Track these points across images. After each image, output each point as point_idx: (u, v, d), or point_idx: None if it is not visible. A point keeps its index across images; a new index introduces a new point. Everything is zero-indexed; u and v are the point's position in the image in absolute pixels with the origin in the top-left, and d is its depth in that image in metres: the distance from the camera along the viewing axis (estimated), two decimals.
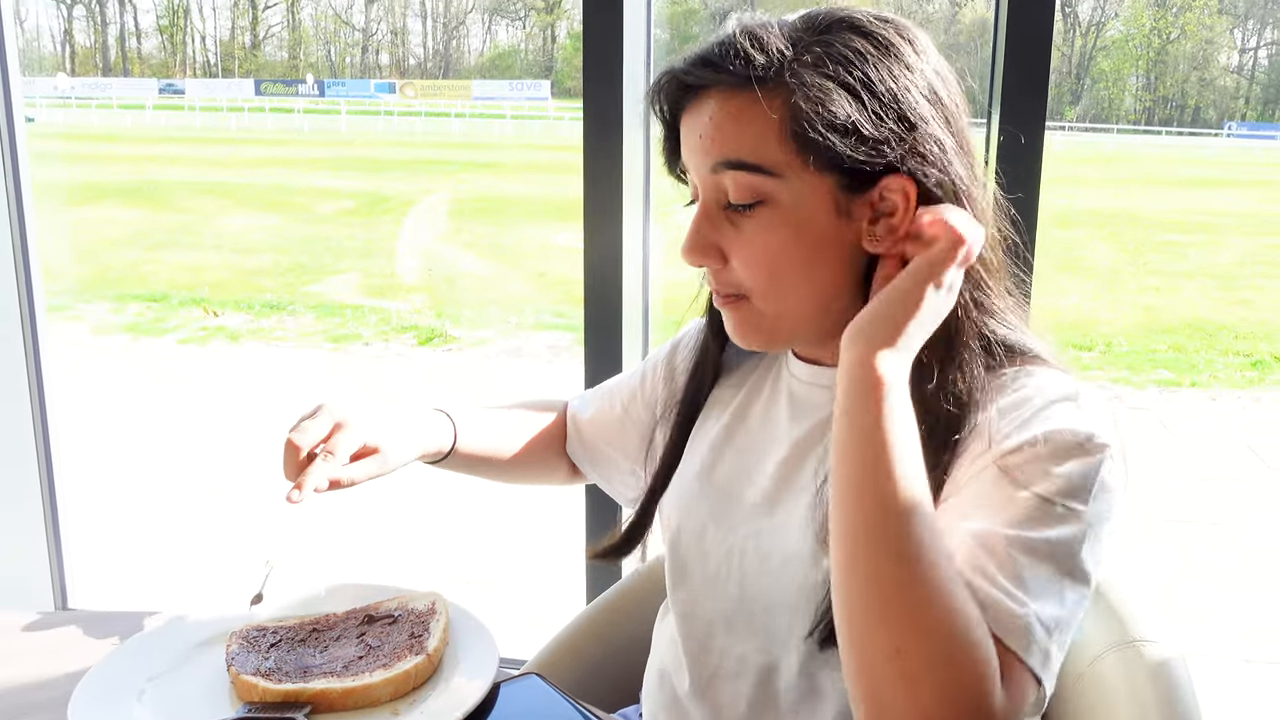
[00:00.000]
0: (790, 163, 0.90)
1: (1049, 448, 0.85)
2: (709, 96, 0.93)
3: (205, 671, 1.01)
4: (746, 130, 0.91)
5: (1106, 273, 10.87)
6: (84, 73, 46.50)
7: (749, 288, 0.96)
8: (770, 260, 0.94)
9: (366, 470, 1.06)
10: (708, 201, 0.96)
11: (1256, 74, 46.48)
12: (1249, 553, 4.14)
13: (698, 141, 0.94)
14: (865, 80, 0.89)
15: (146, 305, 8.79)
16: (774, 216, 0.92)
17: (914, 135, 0.90)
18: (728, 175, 0.92)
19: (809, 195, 0.91)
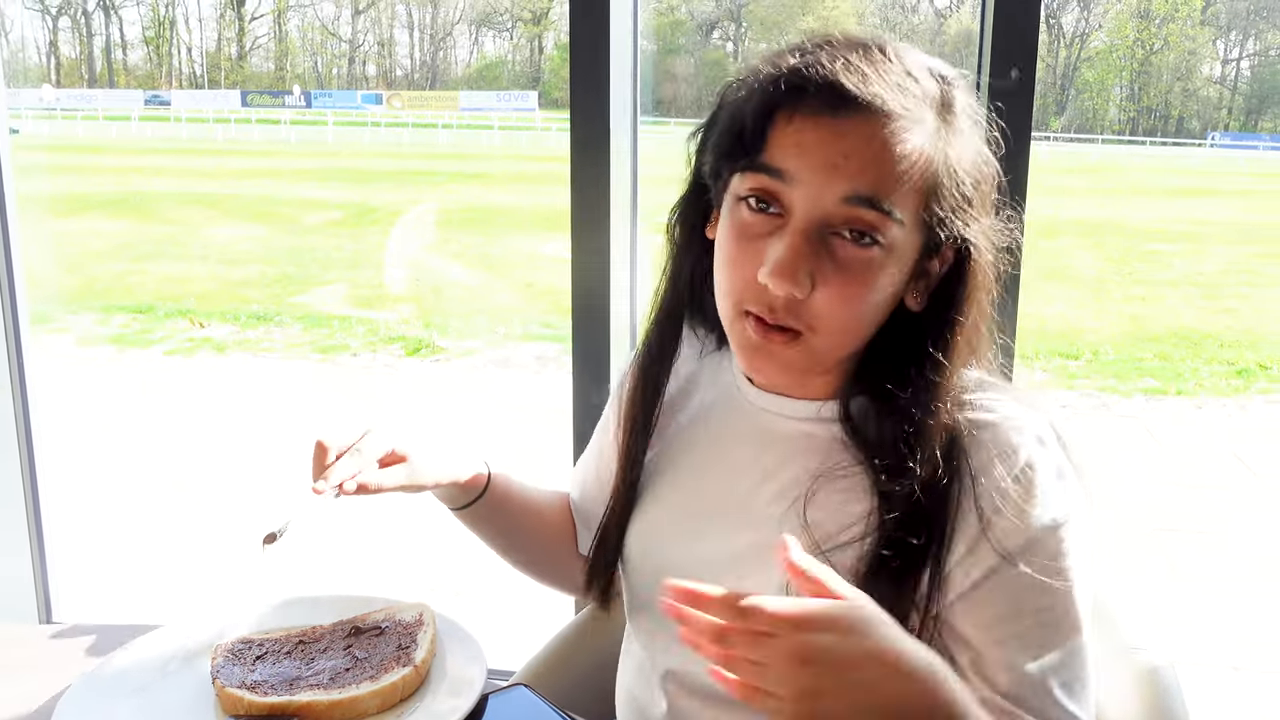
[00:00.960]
0: (912, 218, 0.89)
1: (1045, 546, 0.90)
2: (868, 119, 0.87)
3: (190, 684, 1.01)
4: (904, 176, 0.87)
5: (1092, 282, 10.91)
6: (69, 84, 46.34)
7: (818, 323, 0.90)
8: (862, 299, 0.90)
9: (395, 478, 1.05)
10: (813, 222, 0.88)
11: (1239, 84, 46.78)
12: (1236, 560, 4.15)
13: (839, 160, 0.86)
14: (980, 155, 0.93)
15: (132, 316, 8.76)
16: (882, 260, 0.89)
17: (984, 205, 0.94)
18: (864, 211, 0.87)
19: (909, 249, 0.91)
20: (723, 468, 1.06)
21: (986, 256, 0.93)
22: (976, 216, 0.92)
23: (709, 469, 1.07)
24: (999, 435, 0.92)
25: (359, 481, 1.00)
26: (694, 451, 1.09)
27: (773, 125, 0.89)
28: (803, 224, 0.88)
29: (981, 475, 0.90)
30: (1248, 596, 3.80)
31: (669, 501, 1.09)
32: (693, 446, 1.09)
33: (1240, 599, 3.78)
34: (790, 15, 43.57)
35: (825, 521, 0.95)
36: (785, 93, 0.88)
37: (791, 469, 0.99)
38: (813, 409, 1.00)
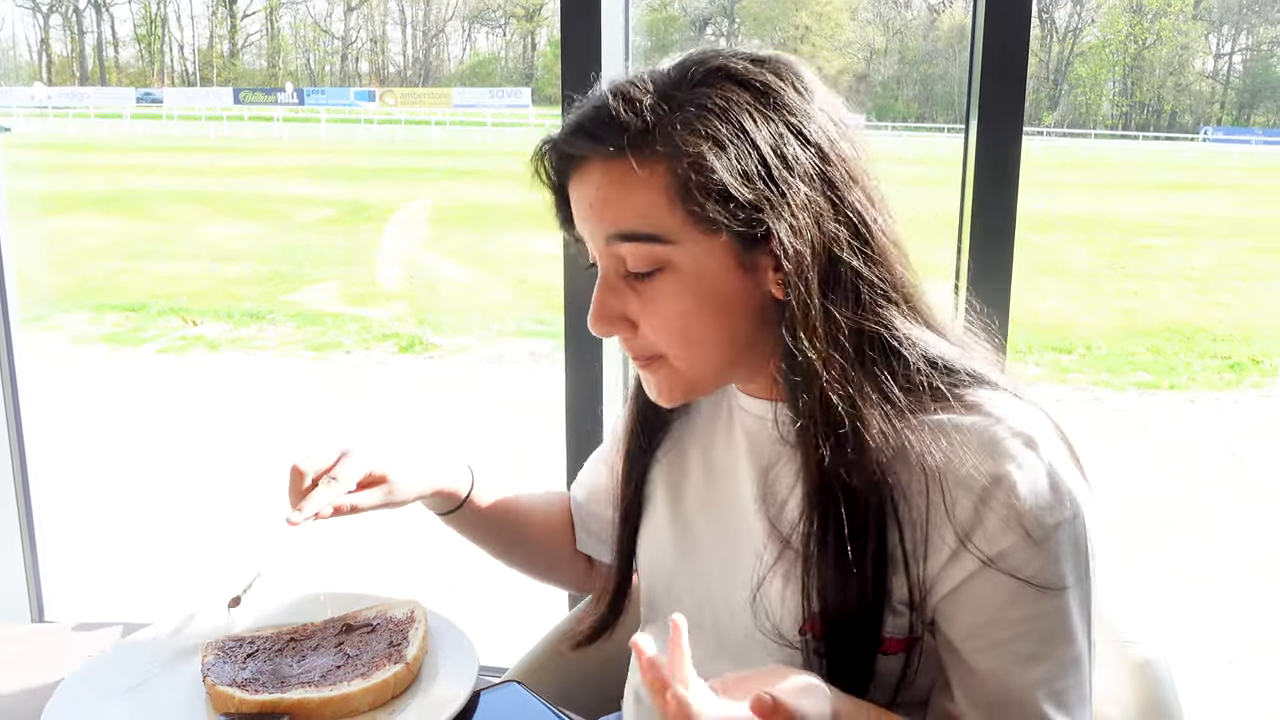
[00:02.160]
0: (682, 228, 0.87)
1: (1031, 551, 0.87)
2: (591, 166, 0.90)
3: (181, 682, 1.00)
4: (632, 200, 0.88)
5: (1085, 276, 10.93)
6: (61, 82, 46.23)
7: (662, 350, 0.93)
8: (680, 324, 0.91)
9: (371, 499, 1.05)
10: (607, 271, 0.93)
11: (1231, 79, 46.88)
12: (1229, 554, 4.16)
13: (588, 210, 0.91)
14: (740, 135, 0.86)
15: (125, 315, 8.74)
16: (676, 281, 0.89)
17: (792, 190, 0.87)
18: (623, 246, 0.89)
19: (708, 257, 0.88)
20: (712, 472, 1.06)
21: (788, 235, 0.86)
22: (756, 195, 0.85)
23: (701, 475, 1.07)
24: (979, 434, 0.88)
25: (334, 504, 1.00)
26: (689, 459, 1.09)
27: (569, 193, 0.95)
28: (601, 274, 0.94)
29: (954, 476, 0.87)
30: (1241, 590, 3.81)
31: (668, 512, 1.09)
32: (688, 455, 1.09)
33: (1234, 592, 3.79)
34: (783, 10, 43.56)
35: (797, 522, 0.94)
36: (554, 165, 0.95)
37: (778, 474, 0.99)
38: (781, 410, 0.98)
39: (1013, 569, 0.87)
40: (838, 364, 0.88)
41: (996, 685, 0.89)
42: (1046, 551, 0.87)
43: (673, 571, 1.06)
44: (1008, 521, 0.86)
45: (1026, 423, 0.90)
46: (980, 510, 0.87)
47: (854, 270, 0.89)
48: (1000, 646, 0.89)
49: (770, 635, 0.95)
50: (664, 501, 1.09)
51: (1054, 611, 0.88)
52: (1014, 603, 0.88)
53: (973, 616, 0.89)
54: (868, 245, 0.90)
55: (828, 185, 0.88)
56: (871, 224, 0.90)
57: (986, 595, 0.88)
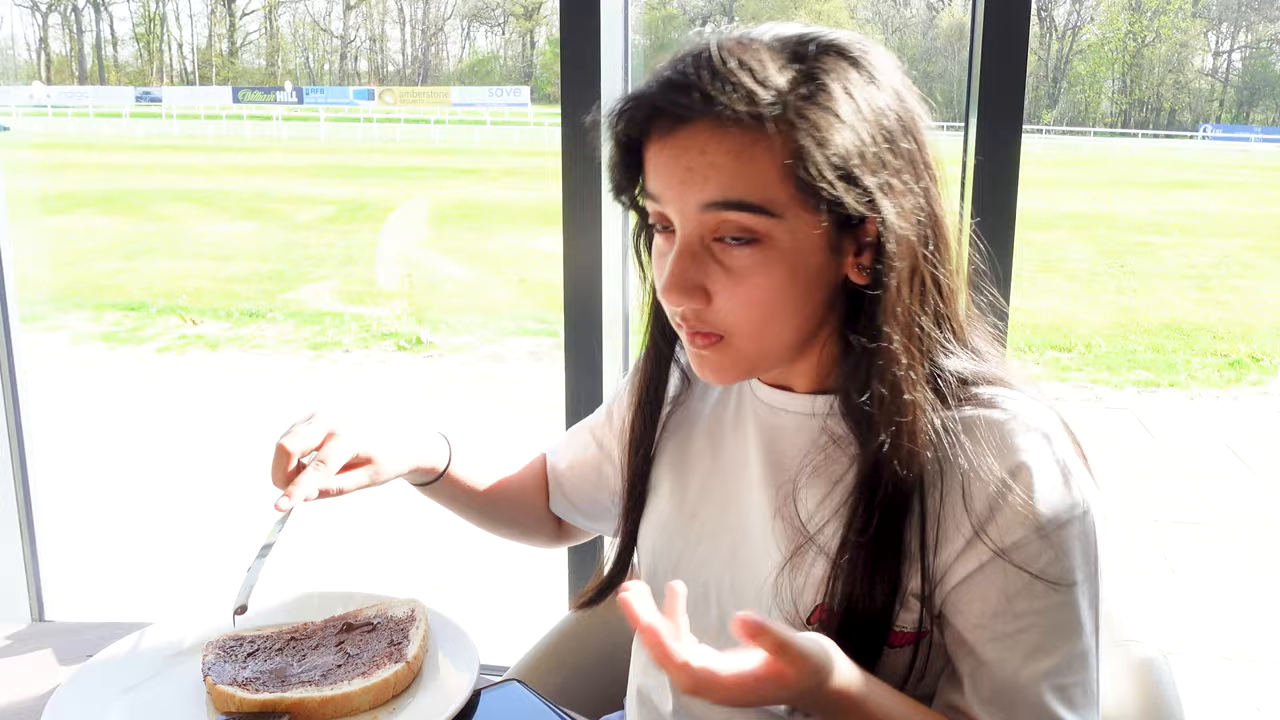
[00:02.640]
0: (789, 203, 0.86)
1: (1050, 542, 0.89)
2: (697, 129, 0.86)
3: (182, 682, 1.00)
4: (747, 169, 0.85)
5: (1085, 274, 10.93)
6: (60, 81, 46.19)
7: (732, 327, 0.91)
8: (764, 299, 0.89)
9: (357, 480, 1.03)
10: (690, 238, 0.89)
11: (1231, 76, 46.87)
12: (1228, 551, 4.16)
13: (684, 173, 0.87)
14: (858, 117, 0.86)
15: (124, 314, 8.74)
16: (770, 255, 0.88)
17: (899, 175, 0.88)
18: (724, 214, 0.87)
19: (805, 234, 0.87)
20: (721, 462, 1.06)
21: (890, 211, 0.87)
22: (867, 175, 0.86)
23: (709, 464, 1.07)
24: (999, 430, 0.90)
25: (322, 488, 0.99)
26: (696, 447, 1.09)
27: (645, 152, 0.91)
28: (682, 240, 0.90)
29: (976, 469, 0.89)
30: (1240, 587, 3.81)
31: (673, 498, 1.09)
32: (695, 442, 1.09)
33: (1232, 590, 3.79)
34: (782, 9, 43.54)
35: (814, 513, 0.96)
36: (639, 121, 0.90)
37: (798, 466, 0.99)
38: (812, 403, 0.99)
39: (1023, 562, 0.88)
40: (913, 353, 0.90)
41: (1002, 677, 0.89)
42: (1057, 546, 0.88)
43: (677, 558, 1.06)
44: (1022, 514, 0.88)
45: (1040, 419, 0.92)
46: (996, 502, 0.88)
47: (930, 261, 0.91)
48: (1007, 638, 0.89)
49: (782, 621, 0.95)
50: (669, 488, 1.10)
51: (1062, 606, 0.89)
52: (1023, 595, 0.89)
53: (982, 607, 0.90)
54: (940, 240, 0.92)
55: (916, 174, 0.90)
56: (944, 215, 0.92)
57: (996, 587, 0.89)
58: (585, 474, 1.24)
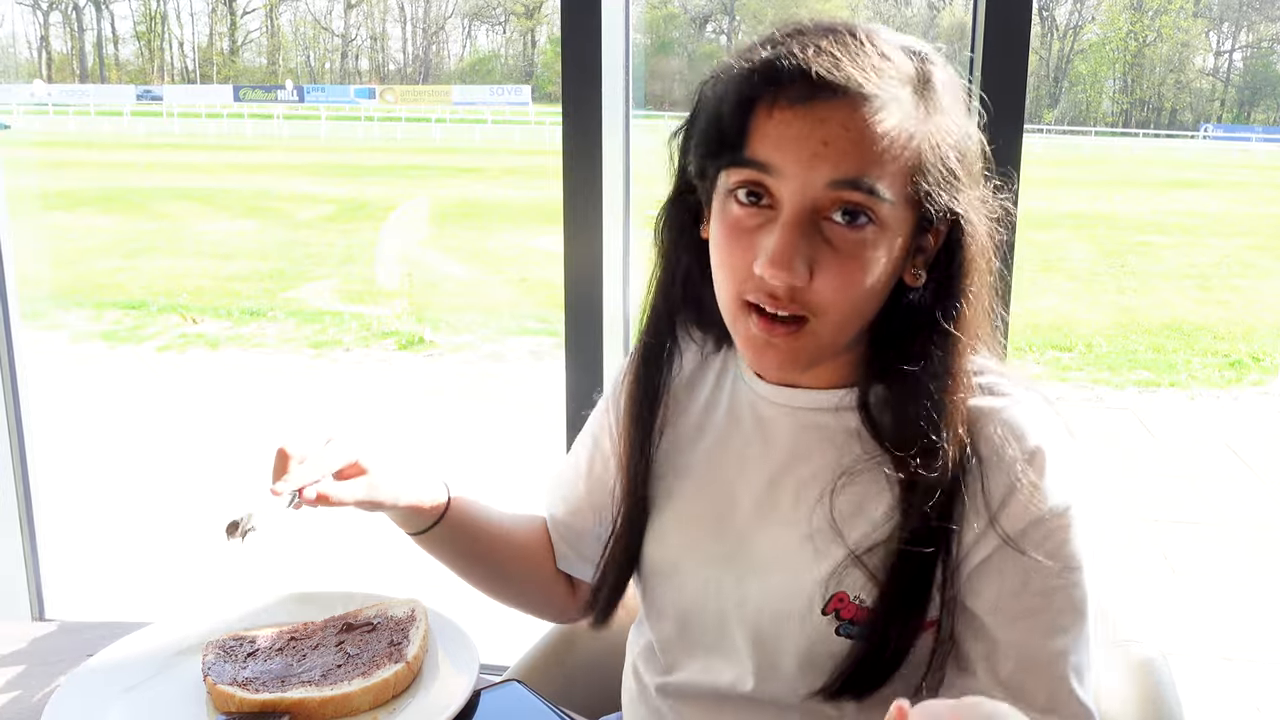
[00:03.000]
0: (899, 195, 0.89)
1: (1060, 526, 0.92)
2: (842, 104, 0.86)
3: (181, 682, 1.00)
4: (889, 155, 0.87)
5: (1085, 274, 10.93)
6: (61, 79, 46.16)
7: (828, 306, 0.90)
8: (863, 281, 0.90)
9: (354, 492, 1.02)
10: (802, 209, 0.88)
11: (1232, 76, 46.84)
12: (1229, 551, 4.16)
13: (818, 147, 0.86)
14: (960, 128, 0.92)
15: (124, 312, 8.73)
16: (879, 239, 0.89)
17: (978, 185, 0.94)
18: (849, 194, 0.87)
19: (900, 226, 0.91)
20: (734, 466, 1.04)
21: (979, 226, 0.93)
22: (964, 188, 0.92)
23: (719, 468, 1.05)
24: (1010, 417, 0.93)
25: (319, 491, 0.98)
26: (702, 453, 1.07)
27: (753, 119, 0.88)
28: (793, 213, 0.88)
29: (993, 456, 0.92)
30: (1240, 587, 3.81)
31: (682, 506, 1.07)
32: (700, 448, 1.07)
33: (1232, 590, 3.79)
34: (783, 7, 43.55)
35: (849, 518, 0.96)
36: (761, 85, 0.88)
37: (809, 463, 0.99)
38: (825, 399, 0.99)
39: (1037, 543, 0.91)
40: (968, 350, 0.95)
41: (1022, 655, 0.92)
42: (1066, 528, 0.92)
43: (677, 555, 1.06)
44: (1032, 499, 0.91)
45: (1041, 409, 0.96)
46: (1012, 487, 0.91)
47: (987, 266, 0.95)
48: (1025, 618, 0.92)
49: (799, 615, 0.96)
50: (672, 500, 1.07)
51: (1071, 587, 0.92)
52: (1037, 575, 0.91)
53: (999, 588, 0.92)
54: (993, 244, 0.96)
55: (984, 184, 0.95)
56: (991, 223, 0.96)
57: (1011, 569, 0.92)
58: (584, 518, 1.18)
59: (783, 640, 0.97)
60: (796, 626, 0.96)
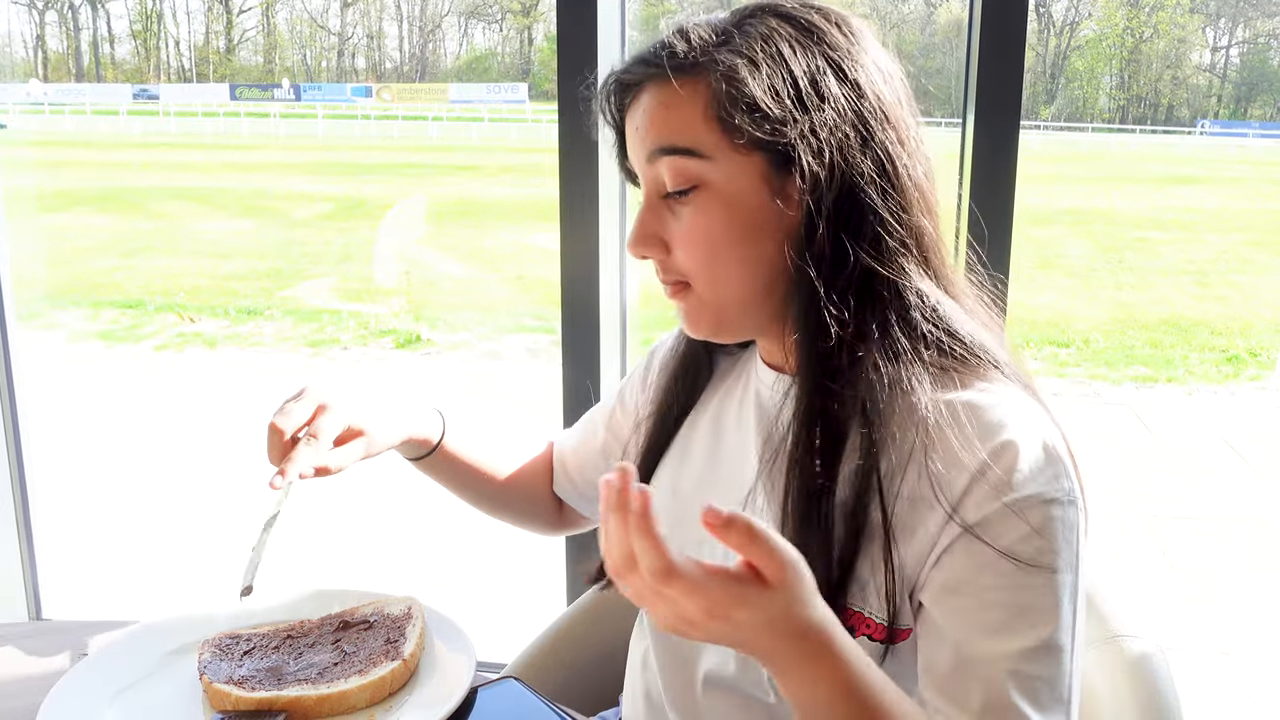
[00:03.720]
0: (718, 144, 0.91)
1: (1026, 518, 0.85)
2: (644, 91, 0.95)
3: (177, 680, 1.00)
4: (674, 115, 0.92)
5: (1083, 270, 10.94)
6: (57, 78, 46.11)
7: (690, 273, 0.96)
8: (707, 243, 0.93)
9: (352, 454, 1.06)
10: (649, 193, 0.97)
11: (1229, 72, 46.88)
12: (1226, 546, 4.17)
13: (635, 134, 0.96)
14: (776, 58, 0.90)
15: (122, 312, 8.73)
16: (709, 199, 0.92)
17: (819, 114, 0.90)
18: (663, 162, 0.93)
19: (740, 175, 0.91)
20: (735, 451, 1.06)
21: (810, 152, 0.89)
22: (792, 113, 0.89)
23: (711, 446, 1.08)
24: (981, 412, 0.88)
25: (317, 466, 1.00)
26: (711, 437, 1.09)
27: None
28: (644, 196, 0.97)
29: (955, 452, 0.87)
30: (1237, 582, 3.82)
31: (672, 473, 1.10)
32: (711, 433, 1.10)
33: (1230, 585, 3.79)
34: None
35: None
36: (615, 100, 0.99)
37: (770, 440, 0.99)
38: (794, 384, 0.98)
39: (991, 537, 0.85)
40: (839, 290, 0.90)
41: (958, 653, 0.85)
42: (1033, 523, 0.85)
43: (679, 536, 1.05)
44: (996, 489, 0.85)
45: (1026, 407, 0.90)
46: (972, 483, 0.86)
47: (871, 206, 0.91)
48: (968, 612, 0.86)
49: None
50: (673, 464, 1.10)
51: (1033, 589, 0.85)
52: (990, 569, 0.85)
53: (948, 577, 0.87)
54: (891, 185, 0.92)
55: (859, 120, 0.91)
56: (898, 164, 0.92)
57: (962, 561, 0.86)
58: (591, 459, 1.26)
59: None
60: None
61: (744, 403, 1.07)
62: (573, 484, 1.29)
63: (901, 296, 0.92)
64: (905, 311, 0.92)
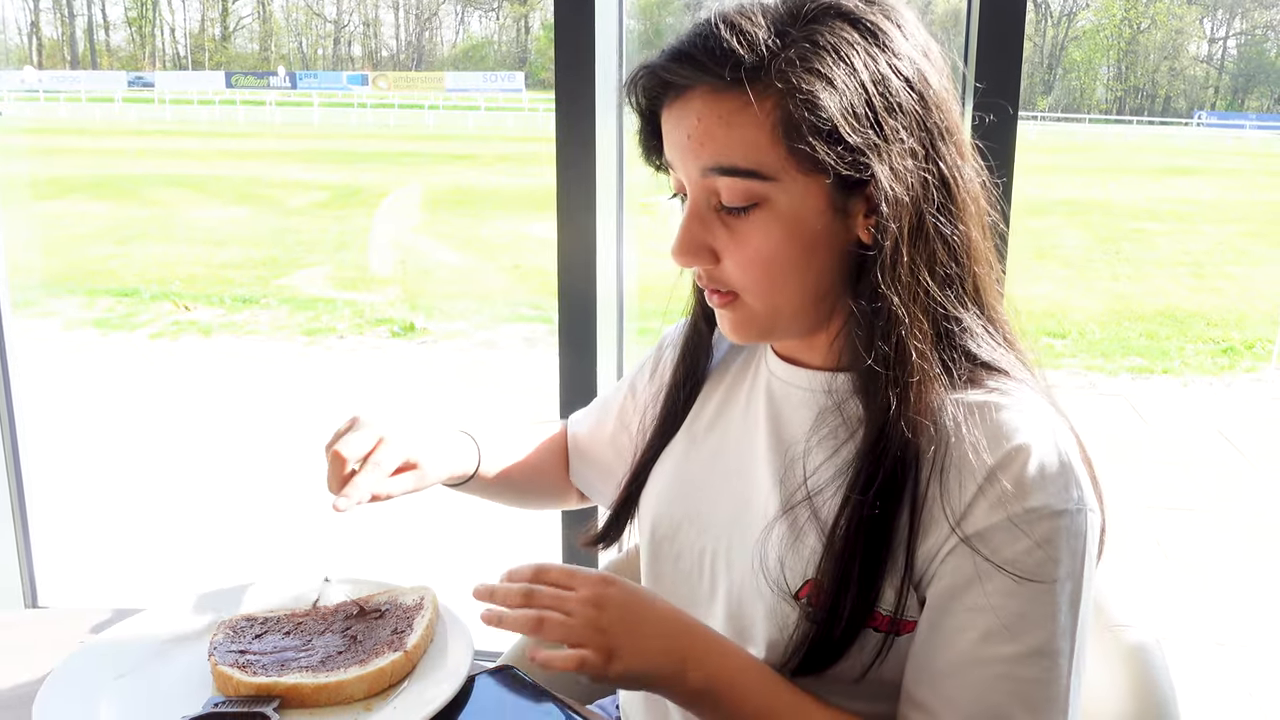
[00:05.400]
0: (784, 166, 0.87)
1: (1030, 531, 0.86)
2: (694, 96, 0.89)
3: (174, 668, 1.00)
4: (738, 134, 0.87)
5: (1079, 261, 10.94)
6: (51, 65, 45.91)
7: (743, 287, 0.93)
8: (765, 261, 0.91)
9: (405, 485, 1.08)
10: (697, 202, 0.92)
11: (1226, 63, 46.83)
12: (1222, 537, 4.18)
13: (685, 142, 0.90)
14: (851, 76, 0.86)
15: (117, 300, 8.71)
16: (769, 218, 0.89)
17: (896, 134, 0.87)
18: (720, 179, 0.89)
19: (804, 196, 0.88)
20: (731, 433, 1.07)
21: (889, 178, 0.86)
22: (863, 138, 0.86)
23: (719, 434, 1.08)
24: (999, 417, 0.88)
25: (374, 493, 1.04)
26: (719, 425, 1.09)
27: (661, 123, 0.94)
28: (690, 204, 0.93)
29: (969, 454, 0.87)
30: (1233, 573, 3.83)
31: (681, 463, 1.10)
32: (719, 420, 1.10)
33: (1225, 575, 3.80)
34: None
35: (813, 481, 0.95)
36: (649, 91, 0.94)
37: (790, 434, 1.00)
38: (822, 380, 0.99)
39: (991, 549, 0.86)
40: (916, 316, 0.89)
41: (952, 653, 0.87)
42: (1034, 538, 0.85)
43: (678, 523, 1.07)
44: (1002, 501, 0.86)
45: (1046, 415, 0.90)
46: (980, 492, 0.86)
47: (937, 224, 0.90)
48: (966, 614, 0.87)
49: (770, 590, 0.95)
50: (680, 451, 1.11)
51: (1031, 598, 0.86)
52: (988, 579, 0.86)
53: (950, 581, 0.88)
54: (952, 200, 0.91)
55: (927, 137, 0.89)
56: (960, 177, 0.92)
57: (963, 567, 0.87)
58: (603, 451, 1.27)
59: (756, 619, 0.97)
60: (769, 605, 0.95)
61: (753, 392, 1.07)
62: (587, 470, 1.30)
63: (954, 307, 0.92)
64: (954, 322, 0.92)
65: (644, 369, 1.24)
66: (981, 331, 0.94)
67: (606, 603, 0.90)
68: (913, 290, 0.89)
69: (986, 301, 0.96)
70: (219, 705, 0.92)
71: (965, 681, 0.87)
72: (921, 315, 0.90)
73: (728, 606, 1.00)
